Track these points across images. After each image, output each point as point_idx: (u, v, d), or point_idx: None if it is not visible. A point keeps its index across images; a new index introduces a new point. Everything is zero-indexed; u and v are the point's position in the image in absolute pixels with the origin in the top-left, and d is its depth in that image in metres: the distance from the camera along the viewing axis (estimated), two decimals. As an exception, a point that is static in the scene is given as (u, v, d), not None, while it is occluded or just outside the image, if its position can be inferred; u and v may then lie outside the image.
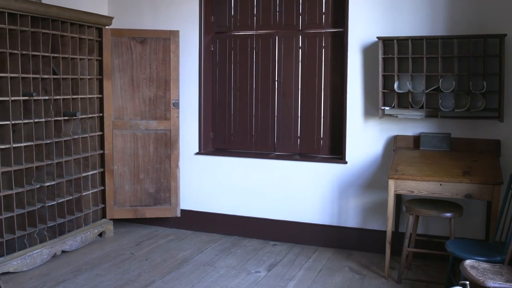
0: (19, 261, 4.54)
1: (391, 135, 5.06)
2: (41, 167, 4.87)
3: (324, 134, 5.47)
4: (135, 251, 5.23)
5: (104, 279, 4.49)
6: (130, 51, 5.58)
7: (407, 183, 4.36)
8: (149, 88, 5.64)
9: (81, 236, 5.29)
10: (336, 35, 5.33)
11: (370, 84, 5.07)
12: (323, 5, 5.36)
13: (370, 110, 5.10)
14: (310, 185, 5.40)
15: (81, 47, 5.32)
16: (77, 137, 5.28)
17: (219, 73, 5.88)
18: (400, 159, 4.65)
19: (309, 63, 5.47)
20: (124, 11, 6.02)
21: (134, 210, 5.74)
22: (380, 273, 4.67)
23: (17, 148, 4.60)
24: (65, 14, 4.96)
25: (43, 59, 4.85)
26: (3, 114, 4.46)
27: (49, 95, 4.91)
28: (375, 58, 4.95)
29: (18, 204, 4.63)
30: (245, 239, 5.63)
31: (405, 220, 4.87)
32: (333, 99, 5.40)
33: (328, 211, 5.36)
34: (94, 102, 5.54)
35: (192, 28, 5.76)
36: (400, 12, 4.92)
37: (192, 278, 4.54)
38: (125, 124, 5.65)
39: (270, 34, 5.63)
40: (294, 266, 4.84)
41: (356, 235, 5.25)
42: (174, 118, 5.69)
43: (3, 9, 4.33)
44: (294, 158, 5.50)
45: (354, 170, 5.21)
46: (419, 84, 4.75)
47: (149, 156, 5.72)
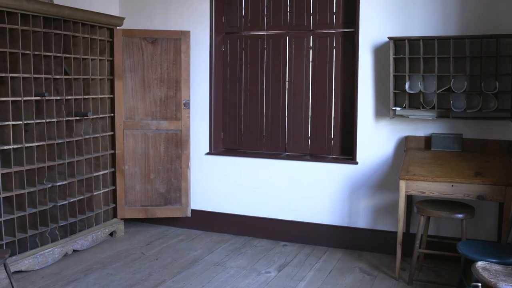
0: (31, 260, 4.58)
1: (402, 136, 5.03)
2: (53, 167, 4.90)
3: (334, 135, 5.46)
4: (146, 250, 5.25)
5: (115, 279, 4.51)
6: (141, 52, 5.60)
7: (418, 184, 4.34)
8: (160, 89, 5.66)
9: (92, 236, 5.32)
10: (347, 35, 5.32)
11: (381, 85, 5.05)
12: (334, 5, 5.35)
13: (381, 111, 5.08)
14: (320, 186, 5.39)
15: (92, 48, 5.34)
16: (89, 137, 5.31)
17: (229, 73, 5.89)
18: (411, 160, 4.63)
19: (320, 64, 5.46)
20: (135, 12, 6.05)
21: (145, 210, 5.76)
22: (391, 274, 4.65)
23: (29, 148, 4.64)
24: (77, 15, 4.99)
25: (55, 60, 4.88)
26: (16, 114, 4.50)
27: (61, 95, 4.95)
28: (386, 58, 4.93)
29: (30, 203, 4.67)
30: (256, 240, 5.63)
31: (416, 221, 4.85)
32: (343, 99, 5.39)
33: (338, 211, 5.34)
34: (105, 102, 5.57)
35: (202, 28, 5.77)
36: (411, 12, 4.89)
37: (203, 278, 4.55)
38: (136, 124, 5.67)
39: (280, 35, 5.62)
40: (305, 267, 4.84)
41: (366, 236, 5.24)
42: (185, 118, 5.70)
43: (16, 10, 4.36)
44: (304, 158, 5.49)
45: (365, 171, 5.20)
46: (430, 85, 4.72)
47: (160, 156, 5.74)
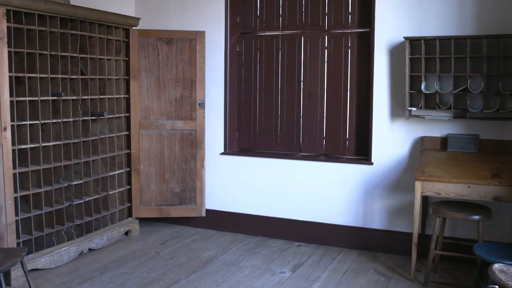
0: (47, 258, 4.62)
1: (417, 136, 5.00)
2: (69, 166, 4.94)
3: (349, 135, 5.43)
4: (161, 250, 5.27)
5: (130, 277, 4.53)
6: (157, 52, 5.63)
7: (434, 185, 4.30)
8: (175, 89, 5.68)
9: (108, 235, 5.35)
10: (362, 35, 5.30)
11: (397, 85, 5.02)
12: (349, 5, 5.33)
13: (397, 111, 5.05)
14: (335, 186, 5.37)
15: (108, 48, 5.38)
16: (104, 137, 5.35)
17: (244, 73, 5.89)
18: (427, 161, 4.59)
19: (335, 64, 5.44)
20: (151, 12, 6.08)
21: (160, 210, 5.79)
22: (406, 275, 4.62)
23: (46, 147, 4.68)
24: (93, 15, 5.02)
25: (71, 60, 4.92)
26: (33, 113, 4.54)
27: (77, 95, 4.99)
28: (401, 58, 4.90)
29: (46, 202, 4.71)
30: (270, 240, 5.62)
31: (432, 222, 4.81)
32: (359, 99, 5.37)
33: (353, 212, 5.32)
34: (121, 102, 5.60)
35: (218, 28, 5.78)
36: (427, 12, 4.86)
37: (217, 277, 4.56)
38: (151, 124, 5.70)
39: (295, 35, 5.61)
40: (319, 267, 4.82)
41: (381, 237, 5.21)
42: (200, 118, 5.71)
43: (33, 10, 4.40)
44: (319, 158, 5.48)
45: (380, 171, 5.17)
46: (446, 85, 4.69)
47: (175, 156, 5.76)
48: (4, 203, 4.21)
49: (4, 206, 4.22)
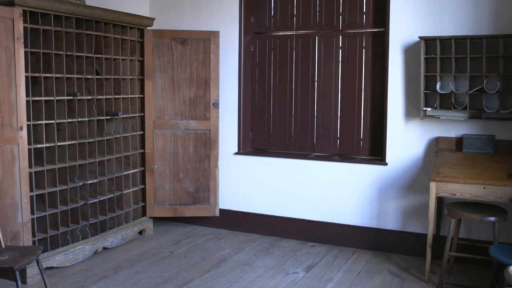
0: (62, 257, 4.66)
1: (432, 137, 4.96)
2: (84, 165, 4.98)
3: (364, 135, 5.41)
4: (174, 249, 5.29)
5: (144, 276, 4.55)
6: (171, 52, 5.65)
7: (449, 186, 4.27)
8: (189, 88, 5.70)
9: (122, 234, 5.38)
10: (377, 35, 5.27)
11: (412, 85, 4.99)
12: (364, 4, 5.31)
13: (411, 111, 5.02)
14: (349, 186, 5.35)
15: (123, 48, 5.41)
16: (119, 136, 5.38)
17: (258, 73, 5.89)
18: (442, 161, 4.56)
19: (349, 64, 5.42)
20: (165, 12, 6.10)
21: (174, 209, 5.81)
22: (420, 277, 4.59)
23: (61, 146, 4.72)
24: (108, 16, 5.05)
25: (86, 60, 4.96)
26: (49, 113, 4.58)
27: (92, 95, 5.02)
28: (416, 58, 4.87)
29: (61, 201, 4.75)
30: (283, 240, 5.62)
31: (447, 223, 4.78)
32: (373, 99, 5.34)
33: (367, 212, 5.30)
34: (136, 102, 5.63)
35: (232, 28, 5.79)
36: (442, 11, 4.82)
37: (230, 277, 4.56)
38: (166, 124, 5.72)
39: (310, 35, 5.60)
40: (333, 268, 4.81)
41: (395, 238, 5.18)
42: (214, 118, 5.72)
43: (49, 11, 4.44)
44: (333, 159, 5.46)
45: (395, 172, 5.14)
46: (462, 85, 4.65)
47: (189, 155, 5.77)
48: (20, 202, 4.26)
49: (20, 204, 4.26)
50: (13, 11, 4.11)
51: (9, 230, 4.19)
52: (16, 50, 4.16)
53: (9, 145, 4.17)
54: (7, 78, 4.12)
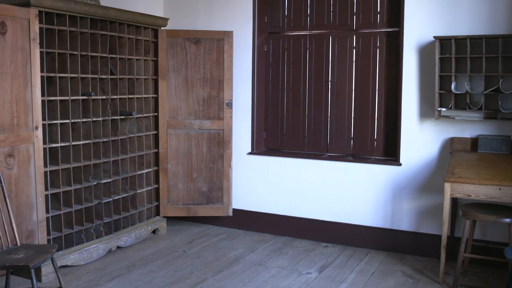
0: (76, 255, 4.69)
1: (447, 137, 4.93)
2: (98, 165, 5.01)
3: (378, 135, 5.39)
4: (188, 248, 5.31)
5: (157, 276, 4.57)
6: (185, 52, 5.67)
7: (464, 187, 4.23)
8: (203, 88, 5.71)
9: (136, 233, 5.41)
10: (391, 35, 5.24)
11: (426, 85, 4.96)
12: (378, 4, 5.28)
13: (426, 111, 4.99)
14: (363, 187, 5.33)
15: (137, 48, 5.44)
16: (133, 136, 5.40)
17: (272, 73, 5.89)
18: (456, 162, 4.52)
19: (363, 64, 5.40)
20: (179, 12, 6.12)
21: (187, 209, 5.83)
22: (435, 278, 4.55)
23: (76, 146, 4.76)
24: (123, 16, 5.08)
25: (101, 60, 4.99)
26: (64, 113, 4.62)
27: (106, 94, 5.05)
28: (431, 58, 4.83)
29: (76, 200, 4.79)
30: (297, 240, 5.61)
31: (461, 224, 4.74)
32: (387, 99, 5.31)
33: (381, 213, 5.27)
34: (150, 102, 5.66)
35: (245, 28, 5.79)
36: (458, 11, 4.78)
37: (243, 277, 4.57)
38: (179, 124, 5.74)
39: (323, 34, 5.59)
40: (346, 269, 4.79)
41: (409, 239, 5.15)
42: (227, 118, 5.73)
43: (64, 11, 4.48)
44: (347, 159, 5.44)
45: (409, 172, 5.11)
46: (477, 85, 4.61)
47: (202, 155, 5.79)
48: (35, 201, 4.30)
49: (35, 203, 4.30)
50: (29, 12, 4.15)
51: (25, 228, 4.24)
52: (32, 50, 4.20)
53: (25, 144, 4.21)
54: (23, 78, 4.16)
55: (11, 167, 4.11)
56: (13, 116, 4.10)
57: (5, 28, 4.00)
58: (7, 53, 4.03)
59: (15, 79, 4.10)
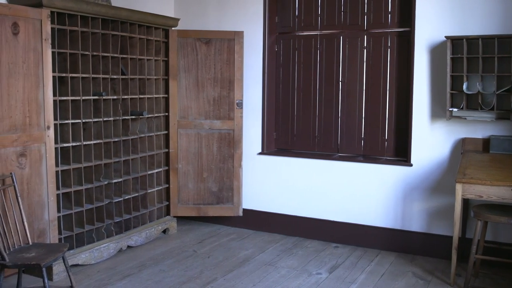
0: (87, 254, 4.71)
1: (458, 138, 4.90)
2: (109, 164, 5.03)
3: (388, 136, 5.36)
4: (198, 248, 5.32)
5: (168, 275, 4.58)
6: (195, 52, 5.68)
7: (476, 188, 4.20)
8: (214, 88, 5.72)
9: (146, 232, 5.42)
10: (402, 35, 5.22)
11: (438, 85, 4.93)
12: (389, 4, 5.26)
13: (437, 112, 4.96)
14: (373, 187, 5.31)
15: (148, 48, 5.46)
16: (144, 136, 5.42)
17: (282, 73, 5.88)
18: (468, 163, 4.49)
19: (374, 64, 5.38)
20: (190, 12, 6.13)
21: (197, 208, 5.84)
22: (446, 280, 4.53)
23: (87, 145, 4.78)
24: (134, 16, 5.10)
25: (112, 60, 5.01)
26: (75, 112, 4.65)
27: (117, 95, 5.07)
28: (443, 58, 4.81)
29: (87, 199, 4.81)
30: (307, 240, 5.60)
31: (473, 225, 4.71)
32: (398, 100, 5.29)
33: (391, 214, 5.25)
34: (160, 102, 5.67)
35: (256, 28, 5.79)
36: (470, 10, 4.75)
37: (253, 277, 4.57)
38: (190, 124, 5.75)
39: (334, 34, 5.57)
40: (356, 269, 4.78)
41: (420, 240, 5.12)
42: (238, 118, 5.73)
43: (76, 12, 4.50)
44: (357, 159, 5.42)
45: (420, 173, 5.08)
46: (489, 85, 4.57)
47: (213, 155, 5.79)
48: (47, 200, 4.33)
49: (47, 202, 4.33)
50: (41, 12, 4.18)
51: (36, 227, 4.27)
52: (44, 51, 4.23)
53: (37, 144, 4.24)
54: (35, 78, 4.19)
55: (23, 166, 4.14)
56: (25, 116, 4.13)
57: (18, 29, 4.03)
58: (20, 53, 4.06)
59: (27, 79, 4.13)
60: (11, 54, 3.99)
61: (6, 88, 3.98)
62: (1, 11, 3.89)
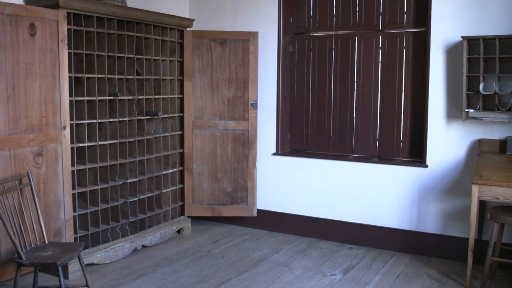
0: (102, 254, 4.74)
1: (475, 139, 4.85)
2: (124, 164, 5.06)
3: (404, 137, 5.33)
4: (212, 248, 5.33)
5: (182, 275, 4.60)
6: (210, 52, 5.69)
7: (492, 189, 4.15)
8: (228, 89, 5.73)
9: (161, 232, 5.45)
10: (418, 35, 5.18)
11: (453, 86, 4.89)
12: (405, 4, 5.23)
13: (453, 113, 4.92)
14: (388, 188, 5.28)
15: (163, 49, 5.48)
16: (158, 136, 5.45)
17: (297, 74, 5.88)
18: (484, 164, 4.45)
19: (389, 64, 5.35)
20: (204, 13, 6.15)
21: (212, 209, 5.85)
22: (461, 282, 4.49)
23: (103, 145, 4.82)
24: (149, 17, 5.13)
25: (127, 61, 5.04)
26: (91, 113, 4.68)
27: (132, 95, 5.10)
28: (459, 58, 4.77)
29: (102, 199, 4.85)
30: (321, 241, 5.59)
31: (489, 227, 4.66)
32: (413, 100, 5.26)
33: (406, 215, 5.22)
34: (175, 102, 5.69)
35: (270, 29, 5.79)
36: (486, 10, 4.70)
37: (267, 278, 4.56)
38: (204, 124, 5.77)
39: (349, 35, 5.55)
40: (371, 271, 4.75)
41: (435, 241, 5.08)
42: (252, 118, 5.74)
43: (92, 13, 4.54)
44: (372, 160, 5.40)
45: (435, 174, 5.05)
46: (506, 86, 4.53)
47: (227, 155, 5.80)
48: (63, 199, 4.36)
49: (63, 202, 4.37)
50: (58, 14, 4.22)
51: (52, 226, 4.31)
52: (60, 51, 4.27)
53: (53, 143, 4.28)
54: (52, 79, 4.23)
55: (39, 166, 4.18)
56: (41, 116, 4.17)
57: (35, 30, 4.07)
58: (37, 54, 4.10)
59: (44, 80, 4.17)
60: (28, 54, 4.04)
61: (23, 88, 4.02)
62: (18, 12, 3.93)
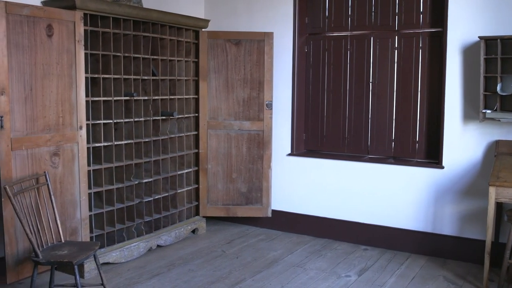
0: (118, 253, 4.77)
1: (492, 140, 4.80)
2: (140, 164, 5.09)
3: (419, 138, 5.29)
4: (227, 249, 5.33)
5: (196, 275, 4.61)
6: (225, 53, 5.70)
7: (510, 191, 4.10)
8: (243, 89, 5.73)
9: (175, 232, 5.46)
10: (434, 35, 5.14)
11: (470, 86, 4.85)
12: (421, 4, 5.19)
13: (470, 113, 4.87)
14: (404, 190, 5.25)
15: (178, 49, 5.50)
16: (174, 136, 5.47)
17: (312, 74, 5.86)
18: (502, 165, 4.40)
19: (405, 65, 5.32)
20: (220, 14, 6.16)
21: (226, 209, 5.86)
22: (478, 284, 4.44)
23: (118, 145, 4.85)
24: (165, 18, 5.15)
25: (143, 61, 5.06)
26: (107, 113, 4.71)
27: (148, 95, 5.13)
28: (476, 58, 4.72)
29: (118, 198, 4.87)
30: (336, 242, 5.57)
31: (507, 230, 4.61)
32: (430, 101, 5.22)
33: (422, 217, 5.18)
34: (190, 103, 5.71)
35: (286, 29, 5.78)
36: (504, 10, 4.65)
37: (282, 278, 4.56)
38: (219, 124, 5.78)
39: (365, 35, 5.53)
40: (386, 272, 4.73)
41: (452, 243, 5.04)
42: (267, 119, 5.74)
43: (108, 14, 4.57)
44: (388, 161, 5.37)
45: (452, 176, 5.00)
46: (524, 86, 4.48)
47: (242, 156, 5.81)
48: (79, 199, 4.40)
49: (79, 201, 4.41)
50: (75, 14, 4.25)
51: (68, 225, 4.34)
52: (77, 52, 4.30)
53: (70, 143, 4.32)
54: (68, 79, 4.27)
55: (56, 165, 4.22)
56: (58, 116, 4.21)
57: (52, 31, 4.11)
58: (54, 54, 4.14)
59: (61, 80, 4.21)
60: (45, 55, 4.08)
61: (40, 88, 4.06)
62: (36, 13, 3.97)
